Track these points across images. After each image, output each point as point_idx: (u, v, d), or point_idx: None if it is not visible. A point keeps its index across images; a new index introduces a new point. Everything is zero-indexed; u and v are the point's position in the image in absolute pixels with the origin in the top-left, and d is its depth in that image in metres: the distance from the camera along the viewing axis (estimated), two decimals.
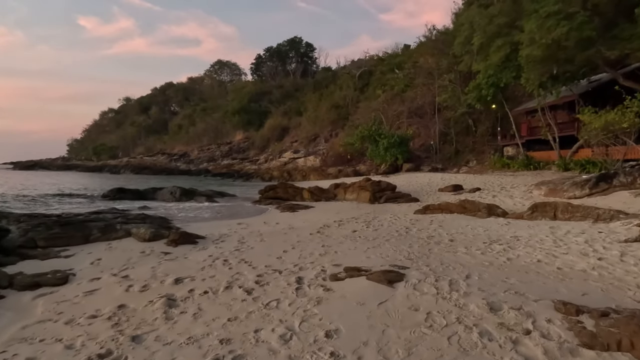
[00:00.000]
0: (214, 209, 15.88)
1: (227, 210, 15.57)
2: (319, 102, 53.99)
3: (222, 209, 15.84)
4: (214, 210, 15.63)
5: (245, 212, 14.97)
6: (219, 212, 14.83)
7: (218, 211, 15.22)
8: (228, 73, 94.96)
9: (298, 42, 78.63)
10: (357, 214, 12.42)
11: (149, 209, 16.02)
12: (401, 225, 9.49)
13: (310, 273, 5.44)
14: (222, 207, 16.57)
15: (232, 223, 11.20)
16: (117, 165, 64.03)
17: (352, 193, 17.34)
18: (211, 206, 17.05)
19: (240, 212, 14.73)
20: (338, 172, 37.74)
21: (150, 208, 16.24)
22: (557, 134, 24.98)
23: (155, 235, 7.78)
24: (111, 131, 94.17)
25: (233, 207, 16.49)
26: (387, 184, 17.57)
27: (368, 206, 15.25)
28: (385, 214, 11.99)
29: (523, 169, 26.57)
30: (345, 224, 10.04)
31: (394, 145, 34.53)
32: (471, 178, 22.83)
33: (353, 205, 15.95)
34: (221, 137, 65.14)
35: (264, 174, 42.98)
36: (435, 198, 16.58)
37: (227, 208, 16.39)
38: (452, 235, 8.05)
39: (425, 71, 39.71)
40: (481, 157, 34.39)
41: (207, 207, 16.59)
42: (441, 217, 10.46)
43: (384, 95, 42.54)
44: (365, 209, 14.04)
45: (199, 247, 7.54)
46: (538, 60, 19.92)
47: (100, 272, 6.01)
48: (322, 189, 18.58)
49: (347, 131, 44.45)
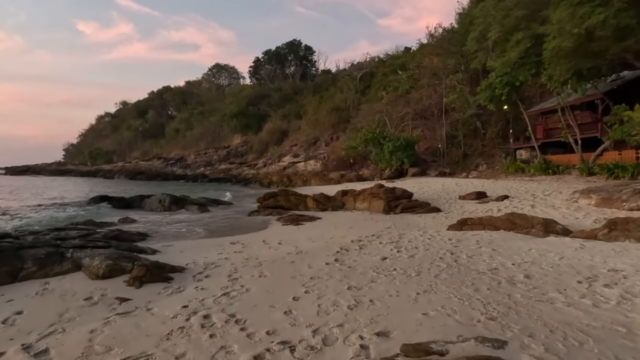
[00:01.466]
0: (205, 222, 13.57)
1: (220, 223, 13.27)
2: (319, 105, 51.85)
3: (215, 222, 13.53)
4: (205, 223, 13.32)
5: (241, 225, 12.68)
6: (210, 226, 12.53)
7: (209, 224, 12.92)
8: (226, 77, 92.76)
9: (297, 45, 76.58)
10: (375, 229, 10.16)
11: (130, 221, 13.74)
12: (442, 248, 7.23)
13: (342, 354, 3.19)
14: (214, 219, 14.26)
15: (224, 242, 8.92)
16: (111, 170, 61.48)
17: (363, 201, 15.10)
18: (202, 218, 14.74)
19: (235, 226, 12.44)
20: (340, 177, 35.51)
21: (133, 220, 13.96)
22: (580, 135, 22.82)
23: (112, 270, 5.50)
24: (108, 135, 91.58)
25: (227, 219, 14.18)
26: (403, 190, 15.33)
27: (383, 217, 13.00)
28: (412, 230, 9.74)
29: (541, 173, 24.43)
30: (368, 246, 7.78)
31: (400, 148, 32.35)
32: (489, 184, 20.63)
33: (365, 215, 13.70)
34: (219, 141, 62.78)
35: (263, 179, 40.68)
36: (458, 207, 14.36)
37: (220, 220, 14.09)
38: (523, 267, 5.80)
39: (430, 72, 37.65)
40: (491, 160, 32.27)
41: (198, 219, 14.28)
42: (487, 235, 8.21)
43: (388, 97, 40.40)
44: (382, 222, 11.78)
45: (172, 287, 5.25)
46: (566, 54, 17.82)
47: (5, 343, 3.74)
48: (328, 196, 16.32)
49: (349, 134, 42.35)
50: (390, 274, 5.59)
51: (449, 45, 35.82)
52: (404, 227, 10.47)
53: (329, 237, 9.12)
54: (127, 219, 14.43)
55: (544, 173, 24.23)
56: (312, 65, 77.10)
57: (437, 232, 9.18)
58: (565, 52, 17.75)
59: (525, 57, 21.70)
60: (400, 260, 6.41)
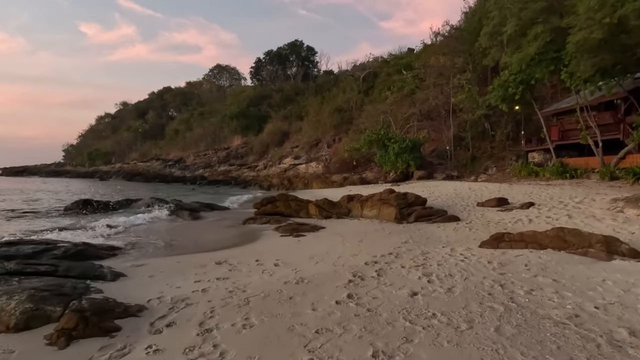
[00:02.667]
0: (193, 231, 11.89)
1: (210, 232, 11.57)
2: (320, 106, 50.18)
3: (202, 231, 11.82)
4: (193, 232, 11.63)
5: (232, 235, 10.98)
6: (198, 237, 10.82)
7: (197, 234, 11.22)
8: (227, 78, 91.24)
9: (299, 45, 74.97)
10: (391, 244, 8.47)
11: (109, 228, 12.08)
12: (485, 277, 5.52)
13: None
14: (204, 228, 12.57)
15: (208, 261, 7.23)
16: (108, 172, 59.77)
17: (372, 208, 13.39)
18: (191, 225, 13.05)
19: (225, 237, 10.74)
20: (343, 180, 33.82)
21: (113, 227, 12.31)
22: (600, 137, 21.11)
23: (31, 318, 3.78)
24: (107, 136, 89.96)
25: (217, 228, 12.48)
26: (416, 196, 13.62)
27: (396, 227, 11.29)
28: (435, 246, 8.03)
29: (557, 177, 22.73)
30: (387, 271, 6.07)
31: (406, 150, 30.66)
32: (506, 188, 18.90)
33: (375, 225, 11.99)
34: (219, 142, 61.13)
35: (263, 182, 39.02)
36: (479, 216, 12.65)
37: (211, 228, 12.40)
38: (614, 313, 4.09)
39: (436, 71, 35.99)
40: (501, 164, 30.59)
41: (186, 227, 12.59)
42: (534, 257, 6.50)
43: (393, 97, 38.72)
44: (395, 233, 10.08)
45: (113, 348, 3.55)
46: (592, 48, 16.15)
47: None
48: (332, 202, 14.62)
49: (352, 136, 40.68)
50: (429, 324, 3.88)
51: (456, 43, 34.21)
52: (423, 242, 8.77)
53: (336, 256, 7.42)
54: (107, 226, 12.77)
55: (561, 177, 22.54)
56: (314, 66, 75.51)
57: (467, 249, 7.47)
58: (591, 46, 16.08)
59: (543, 52, 20.02)
60: (437, 298, 4.69)
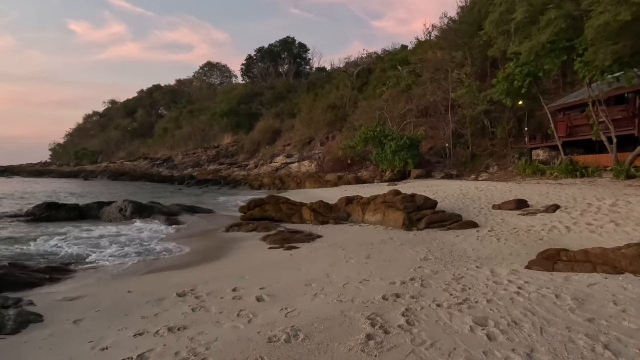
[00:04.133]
0: (164, 241, 9.88)
1: (184, 243, 9.55)
2: (313, 103, 48.23)
3: (177, 242, 9.82)
4: (163, 243, 9.63)
5: (211, 246, 9.01)
6: (167, 251, 8.84)
7: (167, 246, 9.22)
8: (218, 76, 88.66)
9: (291, 42, 72.84)
10: (407, 262, 6.59)
11: (63, 239, 10.04)
12: (567, 328, 3.65)
13: None
14: (178, 237, 10.55)
15: (168, 293, 5.27)
16: (94, 171, 57.04)
17: (375, 213, 11.51)
18: (164, 234, 11.02)
19: (202, 248, 8.77)
20: (338, 179, 31.94)
21: (66, 238, 10.27)
22: (614, 133, 19.49)
23: None
24: (95, 135, 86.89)
25: (196, 237, 10.47)
26: (425, 199, 11.76)
27: (405, 236, 9.42)
28: (466, 265, 6.17)
29: (566, 176, 21.10)
30: (419, 316, 4.16)
31: (403, 148, 28.88)
32: (517, 188, 17.17)
33: (381, 233, 10.11)
34: (208, 140, 58.81)
35: (253, 181, 36.96)
36: (499, 221, 10.84)
37: (186, 238, 10.39)
38: None
39: (434, 66, 34.24)
40: (503, 162, 28.96)
41: (157, 237, 10.56)
42: (614, 286, 4.68)
43: (389, 93, 36.91)
44: (409, 245, 8.20)
45: None
46: (614, 34, 14.48)
47: None
48: (329, 205, 12.71)
49: (346, 133, 38.85)
50: None
51: (455, 37, 32.54)
52: (447, 257, 6.91)
53: (341, 283, 5.51)
54: (60, 237, 10.72)
55: (571, 176, 20.91)
56: (306, 64, 73.46)
57: (512, 272, 5.61)
58: (613, 31, 14.41)
59: (555, 41, 18.34)
60: None
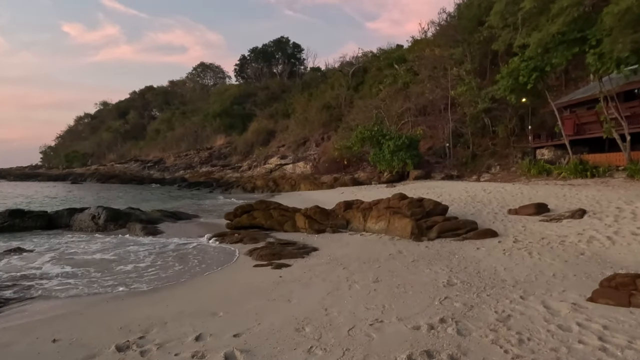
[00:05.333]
0: (132, 258, 8.31)
1: (154, 261, 8.00)
2: (308, 103, 46.75)
3: (147, 259, 8.25)
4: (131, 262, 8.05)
5: (184, 265, 7.47)
6: (131, 272, 7.28)
7: (134, 266, 7.65)
8: (212, 76, 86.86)
9: (285, 42, 71.34)
10: (427, 288, 5.11)
11: (18, 254, 8.46)
12: None
13: None
14: (150, 252, 8.96)
15: (105, 334, 3.75)
16: (83, 174, 55.01)
17: (378, 220, 10.00)
18: (134, 248, 9.44)
19: (171, 273, 7.22)
20: (334, 181, 30.45)
21: (25, 251, 8.68)
22: (627, 130, 18.20)
23: None
24: (87, 137, 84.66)
25: (170, 252, 8.91)
26: (434, 203, 10.29)
27: (416, 248, 7.94)
28: (505, 294, 4.70)
29: (575, 176, 19.79)
30: None
31: (402, 148, 27.45)
32: (528, 190, 15.77)
33: (386, 244, 8.63)
34: (201, 142, 57.10)
35: (246, 184, 35.34)
36: (520, 227, 9.40)
37: (158, 252, 8.82)
38: None
39: (431, 63, 32.87)
40: (504, 161, 27.60)
41: (125, 252, 8.99)
42: None
43: (386, 91, 35.51)
44: (423, 261, 6.72)
45: None
46: (635, 21, 13.16)
47: None
48: (326, 211, 11.20)
49: (341, 133, 37.39)
50: None
51: (454, 32, 31.24)
52: (475, 280, 5.44)
53: (346, 327, 4.01)
54: (17, 250, 9.11)
55: (580, 176, 19.60)
56: (300, 64, 71.98)
57: (576, 308, 4.15)
58: (635, 18, 13.10)
59: (566, 32, 17.01)
60: None
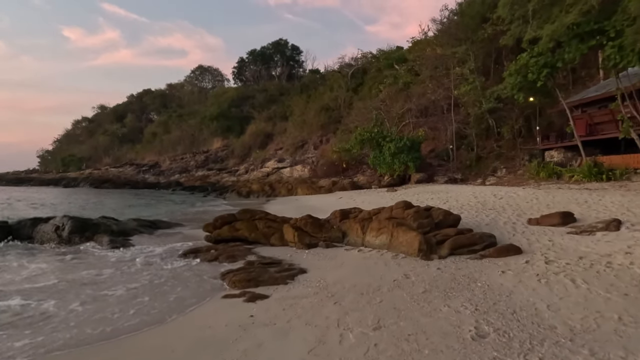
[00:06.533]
0: (77, 286, 6.76)
1: (92, 292, 6.44)
2: (306, 105, 45.32)
3: (95, 287, 6.69)
4: (73, 291, 6.50)
5: (127, 304, 5.92)
6: (63, 310, 5.73)
7: (52, 305, 6.10)
8: (210, 79, 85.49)
9: (283, 44, 70.04)
10: (451, 342, 3.59)
11: None
12: None
13: None
14: (99, 279, 7.40)
15: None
16: (76, 178, 53.43)
17: (379, 233, 8.46)
18: (84, 271, 7.88)
19: (111, 306, 5.67)
20: (332, 185, 28.95)
21: None
22: None
23: None
24: (84, 141, 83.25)
25: (127, 277, 7.36)
26: (444, 213, 8.75)
27: (427, 271, 6.40)
28: (562, 352, 3.18)
29: (589, 179, 18.28)
30: None
31: (403, 150, 25.97)
32: (543, 196, 14.23)
33: (389, 264, 7.09)
34: (197, 145, 55.62)
35: (241, 188, 33.82)
36: (547, 242, 7.86)
37: (110, 276, 7.27)
38: None
39: (433, 63, 31.41)
40: (511, 164, 26.09)
41: (72, 278, 7.43)
42: None
43: (386, 91, 34.05)
44: (438, 291, 5.18)
45: None
46: None
47: None
48: (319, 222, 9.65)
49: (340, 136, 35.95)
50: None
51: (456, 30, 29.82)
52: (513, 328, 3.91)
53: None
54: None
55: (595, 179, 18.09)
56: (299, 66, 70.68)
57: None
58: None
59: (582, 24, 15.55)
60: None
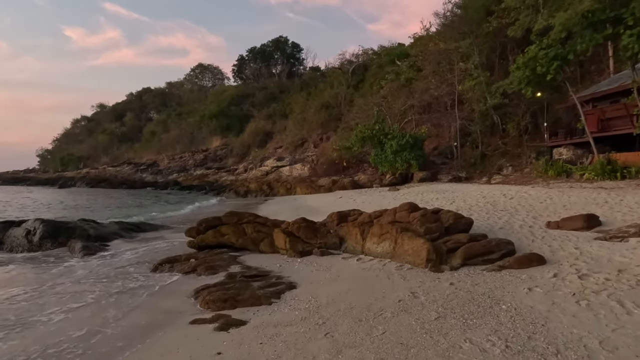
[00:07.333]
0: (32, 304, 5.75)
1: (32, 307, 5.42)
2: (306, 102, 44.24)
3: (50, 308, 5.68)
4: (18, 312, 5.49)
5: (66, 338, 4.92)
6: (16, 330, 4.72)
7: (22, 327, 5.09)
8: (210, 78, 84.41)
9: (283, 42, 68.87)
10: None
11: None
12: None
13: None
14: (58, 296, 6.37)
15: None
16: (73, 178, 52.51)
17: (381, 239, 7.42)
18: (47, 284, 6.87)
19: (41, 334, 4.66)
20: (332, 184, 27.92)
21: None
22: None
23: None
24: (83, 140, 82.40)
25: (89, 295, 6.33)
26: (455, 216, 7.71)
27: (437, 287, 5.37)
28: None
29: (602, 177, 17.21)
30: None
31: (406, 147, 24.89)
32: (557, 195, 13.16)
33: (393, 277, 6.06)
34: (196, 144, 54.64)
35: (239, 187, 32.83)
36: (574, 250, 6.82)
37: (71, 291, 6.26)
38: None
39: (436, 58, 30.28)
40: (517, 162, 24.98)
41: (32, 294, 6.43)
42: None
43: (387, 87, 32.96)
44: (454, 319, 4.15)
45: None
46: None
47: None
48: (314, 225, 8.63)
49: (341, 134, 34.89)
50: None
51: (460, 24, 28.70)
52: None
53: None
54: None
55: (609, 177, 17.02)
56: (299, 64, 69.50)
57: None
58: None
59: (597, 11, 14.47)
60: None
